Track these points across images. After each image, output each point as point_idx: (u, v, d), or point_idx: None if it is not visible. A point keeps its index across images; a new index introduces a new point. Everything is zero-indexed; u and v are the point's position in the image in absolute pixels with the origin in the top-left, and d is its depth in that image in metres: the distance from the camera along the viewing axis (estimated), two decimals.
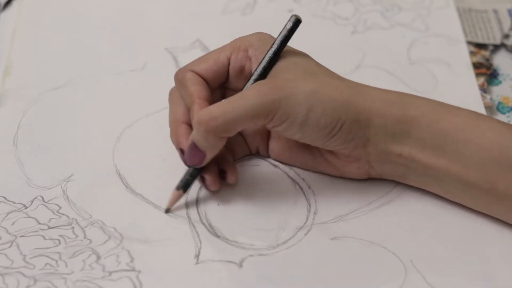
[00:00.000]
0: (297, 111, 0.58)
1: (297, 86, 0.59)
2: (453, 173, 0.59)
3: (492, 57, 0.77)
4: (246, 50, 0.63)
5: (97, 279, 0.59)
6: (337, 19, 0.81)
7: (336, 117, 0.59)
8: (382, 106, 0.60)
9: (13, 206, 0.63)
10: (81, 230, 0.62)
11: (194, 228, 0.62)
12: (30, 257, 0.60)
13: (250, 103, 0.58)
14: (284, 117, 0.58)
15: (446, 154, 0.59)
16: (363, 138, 0.60)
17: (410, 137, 0.60)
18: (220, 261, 0.60)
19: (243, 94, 0.59)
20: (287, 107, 0.58)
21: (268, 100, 0.58)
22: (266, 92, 0.58)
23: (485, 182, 0.59)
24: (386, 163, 0.62)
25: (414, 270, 0.60)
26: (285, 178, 0.66)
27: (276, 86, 0.59)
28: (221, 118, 0.58)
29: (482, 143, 0.58)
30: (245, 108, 0.58)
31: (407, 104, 0.60)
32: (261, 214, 0.63)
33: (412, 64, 0.76)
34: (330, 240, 0.62)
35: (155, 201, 0.64)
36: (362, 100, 0.60)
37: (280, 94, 0.58)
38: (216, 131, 0.59)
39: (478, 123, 0.59)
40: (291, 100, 0.58)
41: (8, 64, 0.75)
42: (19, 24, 0.79)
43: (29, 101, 0.72)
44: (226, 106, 0.59)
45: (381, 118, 0.60)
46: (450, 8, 0.82)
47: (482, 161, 0.58)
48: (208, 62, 0.63)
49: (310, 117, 0.58)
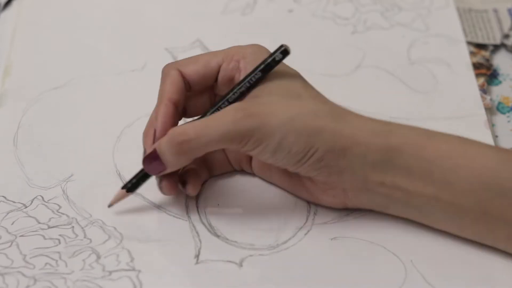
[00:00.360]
0: (270, 139, 0.57)
1: (273, 113, 0.58)
2: (443, 201, 0.58)
3: (492, 57, 0.77)
4: (238, 61, 0.61)
5: (97, 278, 0.59)
6: (337, 19, 0.81)
7: (309, 145, 0.58)
8: (363, 135, 0.58)
9: (13, 206, 0.63)
10: (81, 229, 0.62)
11: (194, 228, 0.62)
12: (30, 257, 0.60)
13: (225, 129, 0.57)
14: (257, 143, 0.58)
15: (434, 182, 0.58)
16: (336, 167, 0.59)
17: (393, 166, 0.58)
18: (220, 261, 0.60)
19: (218, 118, 0.58)
20: (260, 135, 0.57)
21: (243, 128, 0.57)
22: (241, 118, 0.57)
23: (477, 208, 0.58)
24: (363, 192, 0.60)
25: (414, 270, 0.60)
26: None
27: (251, 113, 0.58)
28: (194, 141, 0.58)
29: (471, 169, 0.57)
30: (219, 133, 0.57)
31: (390, 133, 0.59)
32: (261, 214, 0.63)
33: (412, 64, 0.76)
34: (330, 240, 0.62)
35: (155, 200, 0.64)
36: (340, 129, 0.58)
37: (255, 122, 0.57)
38: (188, 153, 0.59)
39: (465, 148, 0.58)
40: (265, 129, 0.57)
41: (8, 64, 0.75)
42: (19, 24, 0.79)
43: (29, 101, 0.72)
44: (201, 129, 0.58)
45: (360, 147, 0.58)
46: (450, 8, 0.82)
47: (473, 187, 0.57)
48: (198, 64, 0.62)
49: (282, 144, 0.58)
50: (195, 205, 0.64)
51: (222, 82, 0.62)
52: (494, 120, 0.72)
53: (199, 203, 0.64)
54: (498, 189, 0.57)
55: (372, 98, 0.73)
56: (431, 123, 0.69)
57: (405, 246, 0.61)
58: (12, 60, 0.76)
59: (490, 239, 0.59)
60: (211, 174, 0.66)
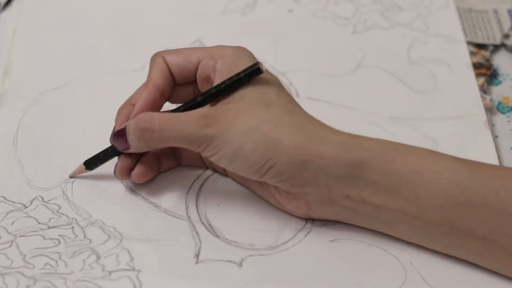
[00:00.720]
0: (227, 147, 0.58)
1: (235, 122, 0.58)
2: (410, 215, 0.58)
3: (492, 57, 0.77)
4: (215, 61, 0.62)
5: (97, 278, 0.59)
6: (337, 19, 0.81)
7: (266, 157, 0.58)
8: (327, 149, 0.58)
9: (13, 206, 0.63)
10: (81, 230, 0.62)
11: (194, 228, 0.62)
12: (30, 257, 0.60)
13: (187, 131, 0.59)
14: (215, 150, 0.59)
15: (401, 196, 0.57)
16: (299, 179, 0.58)
17: (359, 180, 0.58)
18: (220, 261, 0.60)
19: (185, 118, 0.59)
20: (218, 142, 0.58)
21: (203, 134, 0.58)
22: (204, 125, 0.58)
23: (445, 223, 0.57)
24: (328, 204, 0.60)
25: (414, 272, 0.59)
26: None
27: (214, 121, 0.58)
28: (156, 133, 0.59)
29: (439, 184, 0.57)
30: (181, 133, 0.59)
31: (356, 146, 0.58)
32: (261, 215, 0.63)
33: (412, 64, 0.76)
34: (330, 242, 0.62)
35: (154, 201, 0.64)
36: (302, 141, 0.58)
37: (215, 131, 0.58)
38: (148, 142, 0.60)
39: (434, 163, 0.57)
40: (224, 137, 0.58)
41: (8, 64, 0.75)
42: (19, 24, 0.79)
43: (29, 101, 0.72)
44: (166, 123, 0.59)
45: (323, 161, 0.58)
46: (450, 8, 0.82)
47: (441, 202, 0.57)
48: (179, 57, 0.63)
49: (238, 154, 0.58)
50: (195, 205, 0.64)
51: (199, 79, 0.63)
52: (494, 120, 0.72)
53: (199, 203, 0.64)
54: (466, 204, 0.56)
55: (372, 98, 0.73)
56: (431, 123, 0.70)
57: (405, 248, 0.61)
58: (12, 60, 0.76)
59: (462, 253, 0.59)
60: (179, 164, 0.66)
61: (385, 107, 0.72)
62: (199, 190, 0.65)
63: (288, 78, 0.74)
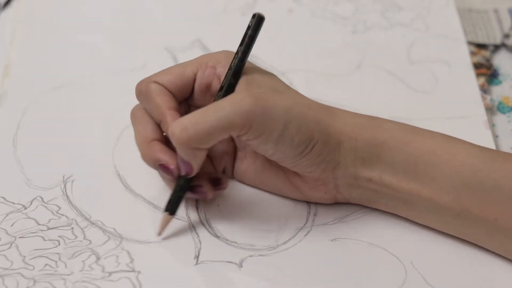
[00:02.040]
0: (273, 125, 0.56)
1: (274, 99, 0.57)
2: (425, 197, 0.59)
3: (492, 57, 0.77)
4: (214, 67, 0.61)
5: (96, 279, 0.59)
6: (337, 19, 0.81)
7: (310, 136, 0.57)
8: (353, 129, 0.59)
9: (13, 207, 0.63)
10: (80, 230, 0.62)
11: (194, 229, 0.62)
12: (29, 258, 0.59)
13: (225, 113, 0.56)
14: (260, 131, 0.56)
15: (417, 177, 0.58)
16: (333, 161, 0.59)
17: (380, 161, 0.59)
18: (220, 262, 0.60)
19: (217, 104, 0.57)
20: (263, 120, 0.56)
21: (244, 110, 0.56)
22: (242, 101, 0.56)
23: (457, 205, 0.58)
24: (354, 188, 0.61)
25: (414, 272, 0.60)
26: None
27: (253, 96, 0.56)
28: (192, 129, 0.56)
29: (454, 166, 0.58)
30: (218, 118, 0.56)
31: (377, 128, 0.60)
32: (261, 215, 0.63)
33: (412, 64, 0.76)
34: (330, 241, 0.62)
35: (154, 201, 0.64)
36: (333, 122, 0.59)
37: (257, 105, 0.56)
38: (189, 143, 0.57)
39: (450, 146, 0.59)
40: (269, 114, 0.56)
41: (7, 64, 0.75)
42: (19, 24, 0.79)
43: (29, 101, 0.72)
44: (198, 117, 0.56)
45: (351, 142, 0.59)
46: (450, 8, 0.82)
47: (454, 184, 0.58)
48: (173, 76, 0.61)
49: (285, 133, 0.57)
50: (195, 206, 0.64)
51: (199, 91, 0.61)
52: (494, 120, 0.72)
53: (199, 204, 0.64)
54: (478, 186, 0.57)
55: (372, 98, 0.73)
56: (431, 123, 0.69)
57: (406, 248, 0.61)
58: (12, 60, 0.76)
59: (472, 236, 0.60)
60: None
61: (385, 107, 0.72)
62: None
63: (288, 78, 0.74)
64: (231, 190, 0.65)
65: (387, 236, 0.62)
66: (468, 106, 0.72)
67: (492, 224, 0.58)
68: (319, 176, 0.60)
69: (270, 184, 0.64)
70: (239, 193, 0.65)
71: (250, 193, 0.64)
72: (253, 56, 0.75)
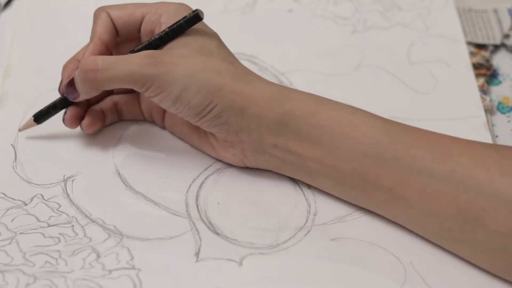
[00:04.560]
0: (171, 88, 0.60)
1: (179, 64, 0.61)
2: (327, 165, 0.61)
3: (492, 57, 0.77)
4: (160, 15, 0.64)
5: (97, 277, 0.59)
6: (337, 19, 0.81)
7: (208, 99, 0.61)
8: (261, 97, 0.61)
9: (13, 203, 0.63)
10: (81, 228, 0.62)
11: (194, 226, 0.62)
12: (30, 255, 0.59)
13: (131, 69, 0.61)
14: (159, 91, 0.61)
15: (321, 146, 0.61)
16: (235, 125, 0.62)
17: (286, 129, 0.61)
18: (220, 259, 0.60)
19: (129, 58, 0.61)
20: (162, 83, 0.60)
21: (147, 73, 0.60)
22: (148, 64, 0.60)
23: (356, 174, 0.60)
24: (260, 153, 0.63)
25: (413, 272, 0.60)
26: (285, 179, 0.66)
27: (159, 61, 0.61)
28: (101, 73, 0.61)
29: (356, 136, 0.60)
30: (125, 72, 0.61)
31: (286, 98, 0.62)
32: (261, 214, 0.63)
33: (412, 64, 0.76)
34: (330, 241, 0.62)
35: (155, 199, 0.64)
36: (241, 88, 0.61)
37: (159, 70, 0.60)
38: (93, 83, 0.62)
39: (354, 117, 0.61)
40: (168, 77, 0.60)
41: (8, 64, 0.75)
42: (19, 24, 0.79)
43: (29, 101, 0.72)
44: (110, 63, 0.61)
45: (257, 108, 0.61)
46: (450, 8, 0.82)
47: (355, 154, 0.60)
48: (123, 12, 0.65)
49: (182, 95, 0.61)
50: (195, 203, 0.64)
51: (144, 33, 0.65)
52: (494, 120, 0.72)
53: (199, 202, 0.64)
54: (376, 157, 0.59)
55: (372, 98, 0.73)
56: (431, 123, 0.69)
57: (405, 248, 0.61)
58: (12, 61, 0.76)
59: (370, 204, 0.62)
60: (121, 119, 0.69)
61: (385, 107, 0.71)
62: (199, 188, 0.65)
63: (288, 78, 0.74)
64: (231, 188, 0.65)
65: (387, 236, 0.62)
66: (468, 107, 0.72)
67: (387, 194, 0.59)
68: (225, 137, 0.63)
69: (191, 138, 0.67)
70: (239, 191, 0.65)
71: (250, 192, 0.65)
72: (253, 56, 0.76)
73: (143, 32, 0.65)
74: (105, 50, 0.64)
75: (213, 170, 0.66)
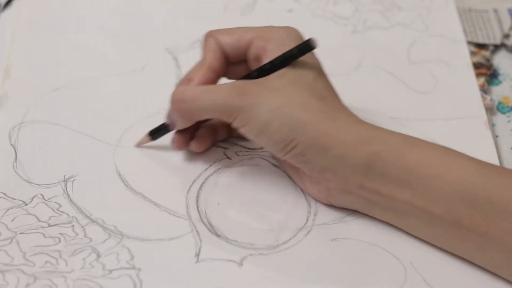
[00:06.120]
0: (255, 121, 0.60)
1: (265, 97, 0.60)
2: (418, 208, 0.59)
3: (492, 57, 0.77)
4: (266, 42, 0.63)
5: (97, 277, 0.59)
6: (337, 19, 0.81)
7: (291, 136, 0.59)
8: (348, 136, 0.59)
9: (13, 203, 0.63)
10: (81, 228, 0.62)
11: (195, 227, 0.62)
12: (30, 255, 0.59)
13: (218, 101, 0.61)
14: (244, 123, 0.60)
15: (411, 188, 0.58)
16: (319, 164, 0.60)
17: (373, 171, 0.59)
18: (220, 260, 0.60)
19: (217, 88, 0.62)
20: (246, 115, 0.60)
21: (233, 104, 0.60)
22: (234, 95, 0.60)
23: (450, 217, 0.58)
24: (345, 193, 0.61)
25: (414, 272, 0.60)
26: (285, 179, 0.66)
27: (245, 92, 0.60)
28: (189, 104, 0.62)
29: (448, 178, 0.58)
30: (212, 103, 0.61)
31: (373, 138, 0.59)
32: (261, 214, 0.63)
33: (412, 64, 0.76)
34: (330, 241, 0.62)
35: (155, 200, 0.64)
36: (326, 126, 0.59)
37: (244, 102, 0.60)
38: (184, 113, 0.63)
39: (445, 158, 0.59)
40: (253, 111, 0.60)
41: (8, 64, 0.75)
42: (19, 24, 0.79)
43: (30, 102, 0.72)
44: (197, 94, 0.62)
45: (341, 149, 0.59)
46: (450, 8, 0.82)
47: (448, 196, 0.58)
48: (232, 37, 0.64)
49: (265, 130, 0.60)
50: (195, 204, 0.64)
51: (250, 58, 0.64)
52: (494, 120, 0.72)
53: (199, 203, 0.64)
54: (470, 199, 0.57)
55: (372, 98, 0.73)
56: (431, 123, 0.70)
57: (406, 248, 0.61)
58: (12, 61, 0.76)
59: (463, 249, 0.60)
60: (231, 136, 0.69)
61: (385, 107, 0.72)
62: (199, 189, 0.65)
63: None
64: (231, 189, 0.65)
65: (387, 236, 0.62)
66: (468, 106, 0.72)
67: (483, 238, 0.57)
68: (311, 174, 0.61)
69: (287, 170, 0.66)
70: (240, 192, 0.65)
71: (250, 192, 0.65)
72: None
73: (250, 57, 0.64)
74: (213, 77, 0.64)
75: (213, 170, 0.66)
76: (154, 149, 0.68)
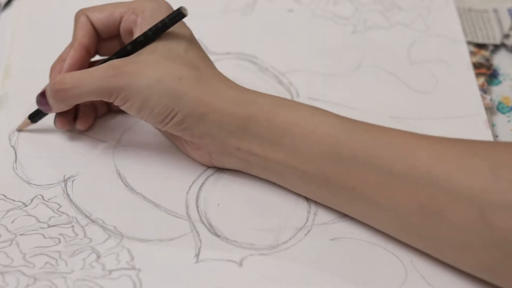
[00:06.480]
0: (135, 98, 0.62)
1: (141, 73, 0.61)
2: (291, 167, 0.61)
3: (492, 57, 0.77)
4: (136, 15, 0.65)
5: (97, 278, 0.59)
6: (337, 19, 0.81)
7: (170, 108, 0.61)
8: (221, 103, 0.62)
9: (13, 204, 0.63)
10: (81, 228, 0.62)
11: (194, 228, 0.62)
12: (30, 256, 0.60)
13: (96, 84, 0.62)
14: (124, 101, 0.62)
15: (283, 148, 0.61)
16: (197, 130, 0.62)
17: (248, 133, 0.62)
18: (220, 260, 0.60)
19: (94, 72, 0.62)
20: (126, 94, 0.62)
21: (110, 85, 0.62)
22: (111, 76, 0.62)
23: (320, 174, 0.60)
24: (225, 155, 0.64)
25: (414, 271, 0.60)
26: None
27: (122, 71, 0.62)
28: (70, 91, 0.63)
29: (315, 137, 0.60)
30: (92, 88, 0.62)
31: (247, 102, 0.62)
32: (261, 214, 0.63)
33: (412, 64, 0.76)
34: (330, 240, 0.62)
35: (155, 200, 0.64)
36: (201, 94, 0.62)
37: (121, 81, 0.61)
38: (65, 100, 0.64)
39: (313, 117, 0.61)
40: (131, 89, 0.61)
41: (8, 64, 0.75)
42: (19, 24, 0.79)
43: (30, 102, 0.71)
44: (76, 80, 0.62)
45: (217, 114, 0.61)
46: (450, 8, 0.81)
47: (316, 155, 0.60)
48: (102, 13, 0.66)
49: (145, 105, 0.62)
50: (195, 204, 0.64)
51: (123, 33, 0.66)
52: (494, 120, 0.72)
53: (199, 203, 0.64)
54: (336, 157, 0.59)
55: (372, 98, 0.73)
56: (431, 123, 0.70)
57: (405, 247, 0.61)
58: (12, 61, 0.76)
59: (337, 204, 0.62)
60: (110, 110, 0.70)
61: (385, 107, 0.72)
62: (199, 190, 0.65)
63: (288, 78, 0.74)
64: (231, 189, 0.65)
65: (387, 235, 0.61)
66: (468, 106, 0.72)
67: (351, 193, 0.60)
68: (192, 140, 0.64)
69: (166, 134, 0.68)
70: (239, 192, 0.65)
71: (250, 193, 0.65)
72: (253, 56, 0.76)
73: (122, 32, 0.66)
74: (85, 54, 0.66)
75: (213, 170, 0.66)
76: (154, 149, 0.68)
